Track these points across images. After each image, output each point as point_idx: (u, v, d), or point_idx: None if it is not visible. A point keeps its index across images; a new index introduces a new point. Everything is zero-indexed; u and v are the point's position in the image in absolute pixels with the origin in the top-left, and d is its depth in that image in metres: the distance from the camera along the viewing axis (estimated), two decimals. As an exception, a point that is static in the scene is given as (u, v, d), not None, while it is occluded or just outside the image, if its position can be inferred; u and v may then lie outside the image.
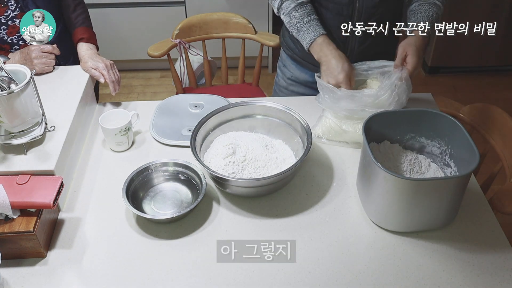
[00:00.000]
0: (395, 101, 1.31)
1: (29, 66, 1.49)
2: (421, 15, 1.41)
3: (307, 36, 1.42)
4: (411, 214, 1.11)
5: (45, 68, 1.52)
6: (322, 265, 1.10)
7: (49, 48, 1.51)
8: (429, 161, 1.28)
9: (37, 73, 1.51)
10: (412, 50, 1.36)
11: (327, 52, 1.39)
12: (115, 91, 1.54)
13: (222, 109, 1.38)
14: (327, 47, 1.39)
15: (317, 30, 1.41)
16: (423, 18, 1.40)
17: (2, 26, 1.51)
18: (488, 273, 1.08)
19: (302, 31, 1.43)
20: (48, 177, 1.16)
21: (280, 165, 1.29)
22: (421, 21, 1.39)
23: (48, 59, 1.51)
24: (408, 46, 1.37)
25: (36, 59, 1.49)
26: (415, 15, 1.43)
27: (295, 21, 1.44)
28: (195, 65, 2.57)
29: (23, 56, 1.50)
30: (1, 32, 1.52)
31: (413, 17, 1.43)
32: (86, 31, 1.63)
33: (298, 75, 1.68)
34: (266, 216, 1.22)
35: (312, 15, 1.43)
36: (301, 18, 1.42)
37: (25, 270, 1.10)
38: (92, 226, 1.20)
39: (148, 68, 3.37)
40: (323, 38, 1.40)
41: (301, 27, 1.43)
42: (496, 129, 1.48)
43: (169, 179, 1.30)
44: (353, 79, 1.38)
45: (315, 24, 1.42)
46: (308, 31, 1.42)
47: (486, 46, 3.18)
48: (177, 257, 1.12)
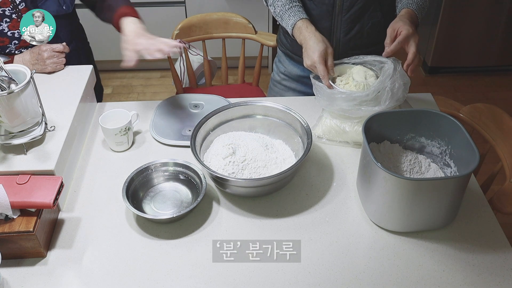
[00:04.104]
0: (389, 97, 1.30)
1: (41, 66, 1.50)
2: (406, 1, 1.43)
3: (289, 22, 1.45)
4: (411, 214, 1.11)
5: (57, 67, 1.53)
6: (322, 265, 1.10)
7: (61, 48, 1.52)
8: (429, 161, 1.28)
9: (50, 71, 1.52)
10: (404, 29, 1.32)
11: (306, 34, 1.40)
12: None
13: (222, 109, 1.38)
14: (306, 29, 1.41)
15: (297, 15, 1.44)
16: (408, 3, 1.42)
17: (5, 18, 1.50)
18: (488, 273, 1.08)
19: (284, 18, 1.46)
20: (48, 177, 1.16)
21: (280, 165, 1.29)
22: (407, 6, 1.41)
23: (59, 58, 1.52)
24: (396, 23, 1.35)
25: (49, 59, 1.50)
26: (401, 1, 1.45)
27: (278, 9, 1.48)
28: (195, 65, 2.57)
29: (34, 56, 1.50)
30: (2, 24, 1.51)
31: (399, 4, 1.45)
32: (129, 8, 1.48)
33: (290, 69, 1.70)
34: (266, 216, 1.22)
35: (294, 2, 1.46)
36: (283, 6, 1.46)
37: (25, 270, 1.10)
38: (92, 226, 1.20)
39: (148, 68, 3.37)
40: (303, 22, 1.43)
41: (283, 14, 1.46)
42: (496, 129, 1.48)
43: (169, 179, 1.30)
44: (330, 59, 1.36)
45: (296, 10, 1.45)
46: (289, 17, 1.45)
47: (486, 46, 3.19)
48: (177, 257, 1.12)
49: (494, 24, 3.07)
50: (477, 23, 3.07)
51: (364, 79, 1.37)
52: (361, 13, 1.48)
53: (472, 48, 3.19)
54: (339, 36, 1.52)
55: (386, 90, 1.30)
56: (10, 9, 1.49)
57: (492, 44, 3.17)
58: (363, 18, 1.49)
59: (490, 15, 3.02)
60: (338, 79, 1.41)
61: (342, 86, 1.38)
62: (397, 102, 1.32)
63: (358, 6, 1.46)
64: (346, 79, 1.40)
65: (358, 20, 1.49)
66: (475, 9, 2.99)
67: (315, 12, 1.48)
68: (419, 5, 1.42)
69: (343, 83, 1.39)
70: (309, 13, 1.48)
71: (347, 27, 1.50)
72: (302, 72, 1.67)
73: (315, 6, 1.48)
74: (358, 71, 1.40)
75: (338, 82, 1.40)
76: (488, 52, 3.21)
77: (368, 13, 1.48)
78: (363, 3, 1.45)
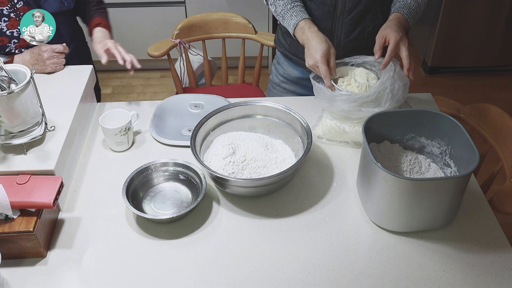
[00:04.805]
0: (389, 98, 1.30)
1: (41, 67, 1.50)
2: (399, 4, 1.43)
3: (291, 22, 1.44)
4: (411, 214, 1.11)
5: (56, 68, 1.53)
6: (322, 265, 1.10)
7: (61, 48, 1.52)
8: (429, 161, 1.28)
9: (50, 72, 1.53)
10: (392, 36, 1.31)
11: (308, 35, 1.39)
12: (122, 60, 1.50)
13: (222, 109, 1.38)
14: (309, 29, 1.40)
15: (299, 15, 1.43)
16: (400, 7, 1.42)
17: (4, 17, 1.50)
18: (488, 273, 1.08)
19: (286, 18, 1.45)
20: (48, 177, 1.16)
21: (280, 165, 1.29)
22: (399, 10, 1.42)
23: (59, 59, 1.53)
24: (384, 31, 1.35)
25: (49, 59, 1.50)
26: (394, 5, 1.45)
27: (279, 9, 1.47)
28: (195, 65, 2.57)
29: (34, 57, 1.50)
30: (0, 24, 1.51)
31: (393, 8, 1.46)
32: (103, 20, 1.68)
33: (289, 72, 1.69)
34: (266, 216, 1.22)
35: (295, 2, 1.45)
36: (284, 5, 1.45)
37: (25, 270, 1.10)
38: (92, 226, 1.20)
39: (148, 68, 3.37)
40: (305, 22, 1.42)
41: (285, 13, 1.45)
42: (496, 129, 1.48)
43: (169, 179, 1.30)
44: (333, 60, 1.36)
45: (298, 10, 1.44)
46: (291, 17, 1.44)
47: (486, 46, 3.19)
48: (177, 257, 1.12)
49: (494, 24, 3.07)
50: (477, 23, 3.07)
51: (366, 81, 1.37)
52: (363, 16, 1.47)
53: (472, 48, 3.19)
54: (340, 37, 1.51)
55: (386, 92, 1.30)
56: (8, 8, 1.49)
57: (492, 44, 3.17)
58: (365, 21, 1.48)
59: (490, 15, 3.02)
60: (340, 80, 1.41)
61: (344, 87, 1.38)
62: (398, 103, 1.32)
63: (360, 9, 1.45)
64: (348, 80, 1.40)
65: (360, 22, 1.48)
66: (475, 9, 2.99)
67: (316, 13, 1.48)
68: (411, 9, 1.41)
69: (345, 84, 1.39)
70: (310, 13, 1.47)
71: (348, 29, 1.49)
72: (301, 75, 1.66)
73: (317, 7, 1.47)
74: (360, 72, 1.40)
75: (340, 83, 1.40)
76: (488, 52, 3.21)
77: (369, 15, 1.48)
78: (365, 5, 1.45)
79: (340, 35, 1.51)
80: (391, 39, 1.31)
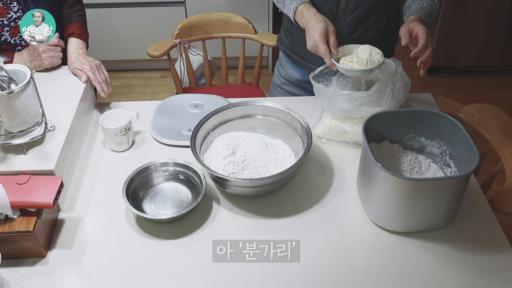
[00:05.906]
0: (390, 98, 1.30)
1: (38, 62, 1.50)
2: (415, 7, 1.41)
3: (291, 6, 1.43)
4: (411, 214, 1.11)
5: (53, 62, 1.52)
6: (322, 265, 1.10)
7: (55, 41, 1.51)
8: (429, 161, 1.28)
9: (47, 67, 1.52)
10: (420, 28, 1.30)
11: (307, 17, 1.39)
12: (103, 92, 1.51)
13: (222, 109, 1.38)
14: (307, 12, 1.39)
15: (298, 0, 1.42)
16: (416, 9, 1.41)
17: (5, 27, 1.51)
18: (488, 273, 1.08)
19: (286, 3, 1.45)
20: (48, 177, 1.16)
21: (280, 165, 1.29)
22: (416, 12, 1.40)
23: (55, 52, 1.52)
24: (409, 24, 1.33)
25: (44, 53, 1.49)
26: (409, 8, 1.43)
27: None
28: (195, 65, 2.57)
29: (30, 53, 1.50)
30: (4, 34, 1.52)
31: (407, 11, 1.43)
32: (79, 27, 1.61)
33: (291, 73, 1.69)
34: (266, 216, 1.22)
35: None
36: None
37: (25, 270, 1.10)
38: (92, 226, 1.20)
39: (148, 68, 3.37)
40: (304, 5, 1.41)
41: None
42: (496, 129, 1.48)
43: (169, 179, 1.30)
44: (332, 38, 1.34)
45: None
46: (291, 1, 1.43)
47: (486, 46, 3.19)
48: (177, 257, 1.12)
49: (494, 24, 3.07)
50: (477, 23, 3.07)
51: (369, 56, 1.35)
52: (365, 17, 1.46)
53: (472, 48, 3.19)
54: (342, 37, 1.50)
55: (387, 92, 1.30)
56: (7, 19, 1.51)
57: (492, 44, 3.17)
58: (367, 22, 1.47)
59: (490, 15, 3.02)
60: (343, 58, 1.38)
61: (346, 64, 1.35)
62: (398, 103, 1.32)
63: (362, 9, 1.44)
64: (351, 58, 1.37)
65: (362, 23, 1.47)
66: (475, 9, 2.99)
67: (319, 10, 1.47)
68: (427, 13, 1.40)
69: (347, 61, 1.36)
70: None
71: (350, 29, 1.48)
72: (302, 77, 1.66)
73: (319, 3, 1.46)
74: (363, 49, 1.37)
75: (342, 61, 1.37)
76: (488, 52, 3.21)
77: (372, 17, 1.47)
78: (368, 6, 1.44)
79: (342, 35, 1.50)
80: (420, 31, 1.29)
